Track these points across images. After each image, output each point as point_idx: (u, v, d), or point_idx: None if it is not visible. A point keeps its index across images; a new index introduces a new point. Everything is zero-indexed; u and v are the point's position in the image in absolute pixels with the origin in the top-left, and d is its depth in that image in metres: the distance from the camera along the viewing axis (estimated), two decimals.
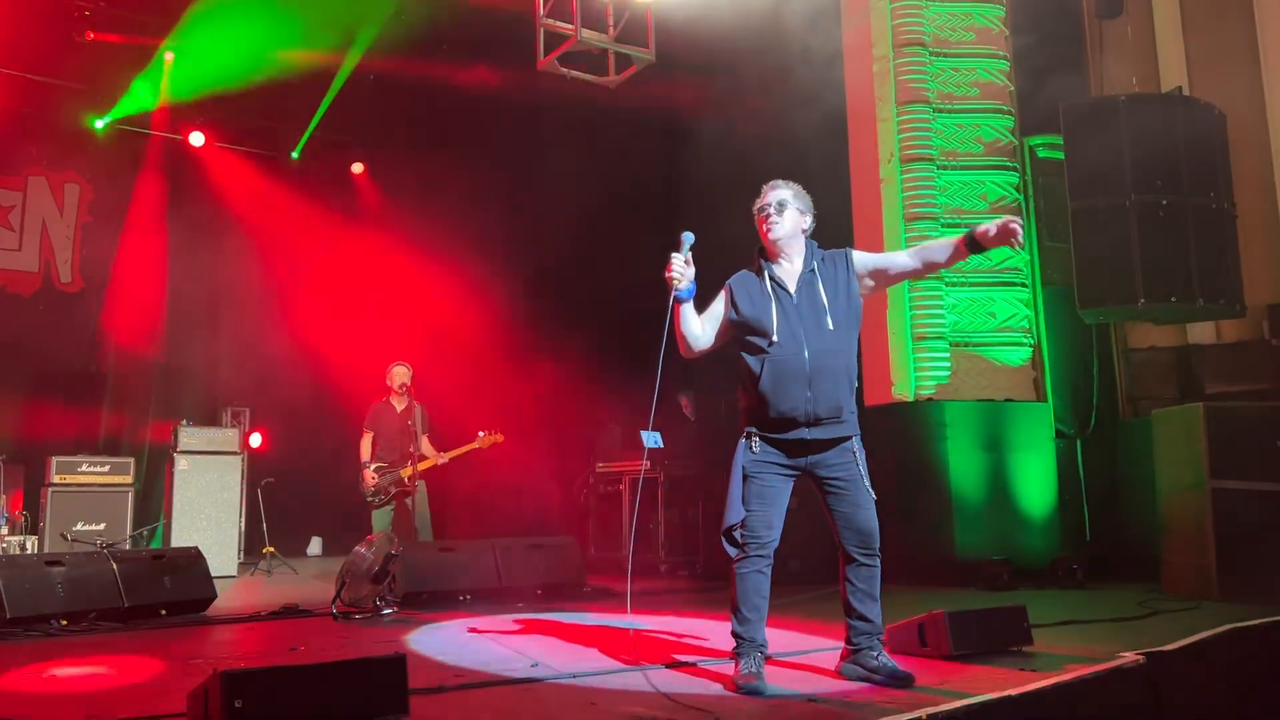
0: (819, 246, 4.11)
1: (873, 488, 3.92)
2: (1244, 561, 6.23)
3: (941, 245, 4.01)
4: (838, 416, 3.87)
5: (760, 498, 3.86)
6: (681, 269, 3.89)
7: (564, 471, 11.22)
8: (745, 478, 3.87)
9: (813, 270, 3.99)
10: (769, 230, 4.00)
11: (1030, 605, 4.72)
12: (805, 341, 3.85)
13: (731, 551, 3.87)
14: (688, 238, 3.96)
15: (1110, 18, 9.14)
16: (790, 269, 4.01)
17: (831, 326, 3.89)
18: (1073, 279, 7.98)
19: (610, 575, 8.77)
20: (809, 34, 8.58)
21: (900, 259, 4.12)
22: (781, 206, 3.98)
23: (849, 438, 3.92)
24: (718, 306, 4.08)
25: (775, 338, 3.86)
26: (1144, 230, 7.60)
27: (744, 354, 3.96)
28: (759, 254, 4.10)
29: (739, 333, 3.99)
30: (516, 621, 5.72)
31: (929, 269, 4.09)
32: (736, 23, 8.23)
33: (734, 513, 3.85)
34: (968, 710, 3.29)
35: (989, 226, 3.80)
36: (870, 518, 3.90)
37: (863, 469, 3.91)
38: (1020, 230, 3.77)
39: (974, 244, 3.86)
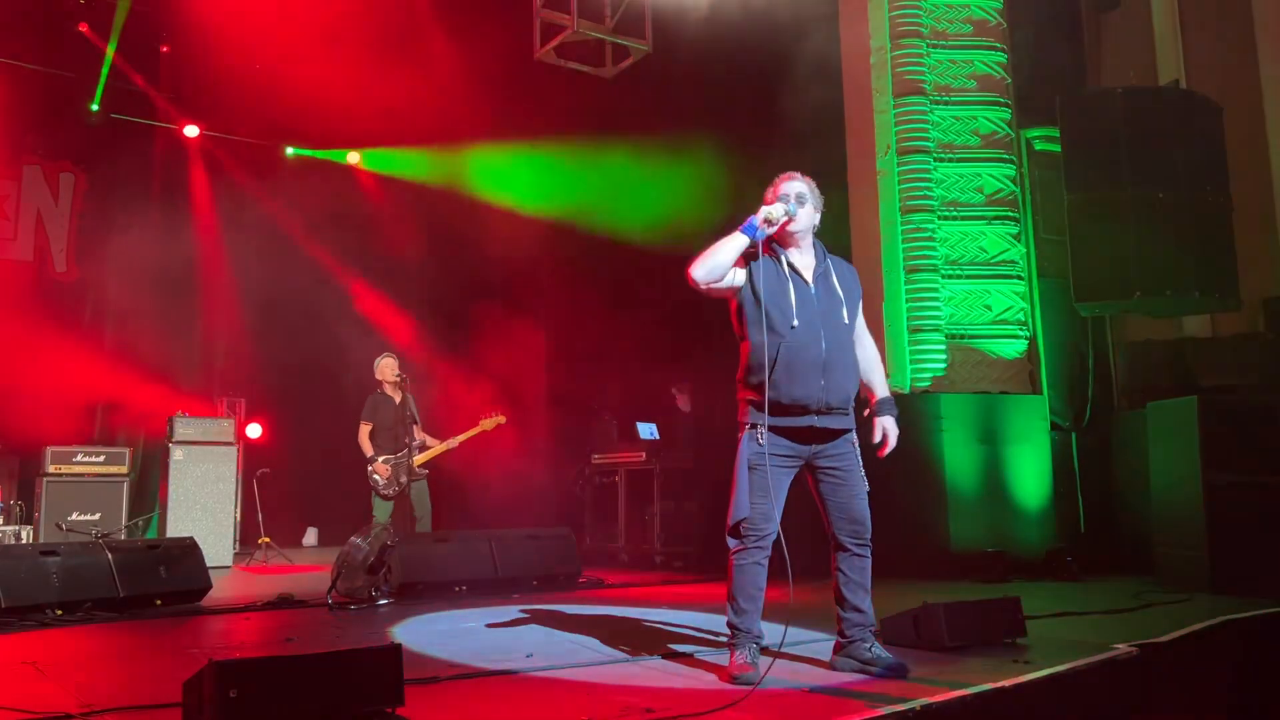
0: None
1: (866, 478, 3.95)
2: (1238, 554, 6.25)
3: (872, 380, 4.12)
4: (846, 407, 3.92)
5: (763, 490, 3.85)
6: (777, 209, 3.86)
7: (560, 463, 11.22)
8: (750, 469, 3.86)
9: (827, 265, 4.04)
10: (788, 221, 3.98)
11: (1025, 597, 4.74)
12: (823, 330, 3.87)
13: (733, 544, 3.87)
14: (794, 206, 3.94)
15: (1108, 10, 9.13)
16: (805, 260, 4.02)
17: (846, 320, 3.96)
18: (1069, 272, 7.98)
19: (606, 567, 8.77)
20: (806, 25, 8.56)
21: (863, 340, 4.12)
22: (801, 199, 3.99)
23: (851, 429, 3.96)
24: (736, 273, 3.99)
25: (796, 323, 3.86)
26: (1140, 223, 7.60)
27: (755, 338, 3.89)
28: (767, 241, 4.00)
29: (750, 311, 3.92)
30: (512, 612, 5.72)
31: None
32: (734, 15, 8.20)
33: (741, 508, 3.83)
34: (962, 701, 3.30)
35: (881, 438, 4.02)
36: (864, 507, 3.93)
37: (859, 460, 3.96)
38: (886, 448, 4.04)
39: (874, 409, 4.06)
